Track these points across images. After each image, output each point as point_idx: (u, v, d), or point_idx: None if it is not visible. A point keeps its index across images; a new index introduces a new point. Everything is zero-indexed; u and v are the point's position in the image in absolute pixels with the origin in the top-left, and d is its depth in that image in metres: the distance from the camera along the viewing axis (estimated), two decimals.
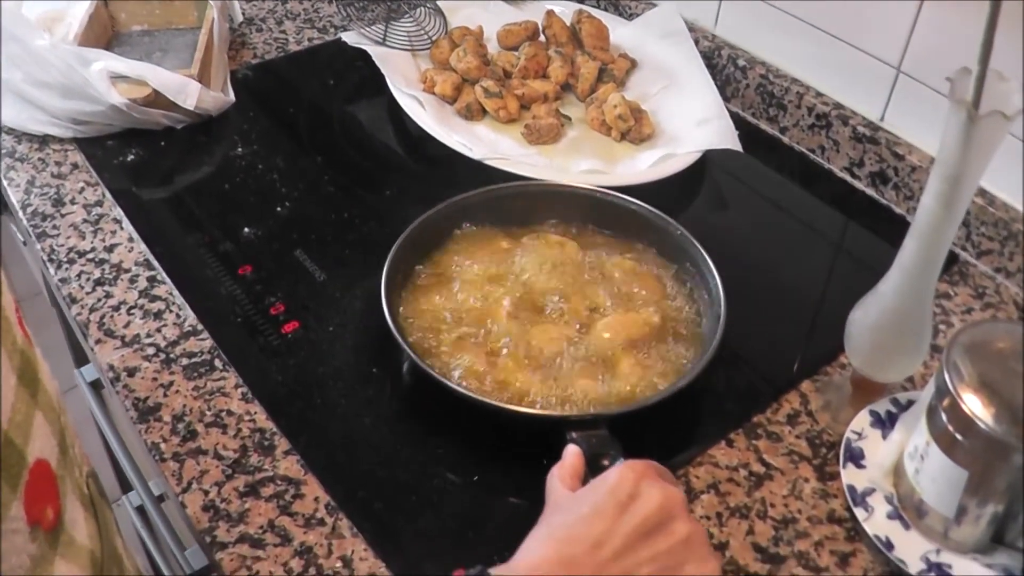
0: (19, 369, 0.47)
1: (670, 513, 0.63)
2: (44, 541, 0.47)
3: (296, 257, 1.01)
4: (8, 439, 0.44)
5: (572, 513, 0.64)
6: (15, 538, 0.45)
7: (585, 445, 0.75)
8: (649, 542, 0.62)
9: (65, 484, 0.51)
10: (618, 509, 0.63)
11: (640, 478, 0.65)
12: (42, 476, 0.47)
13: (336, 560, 0.75)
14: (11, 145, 1.14)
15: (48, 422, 0.49)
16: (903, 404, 0.85)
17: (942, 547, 0.75)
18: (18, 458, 0.45)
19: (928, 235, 0.73)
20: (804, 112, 1.19)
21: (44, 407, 0.49)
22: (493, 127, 1.19)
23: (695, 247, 0.94)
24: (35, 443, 0.47)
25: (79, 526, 0.52)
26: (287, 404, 0.87)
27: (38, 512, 0.47)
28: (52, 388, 0.51)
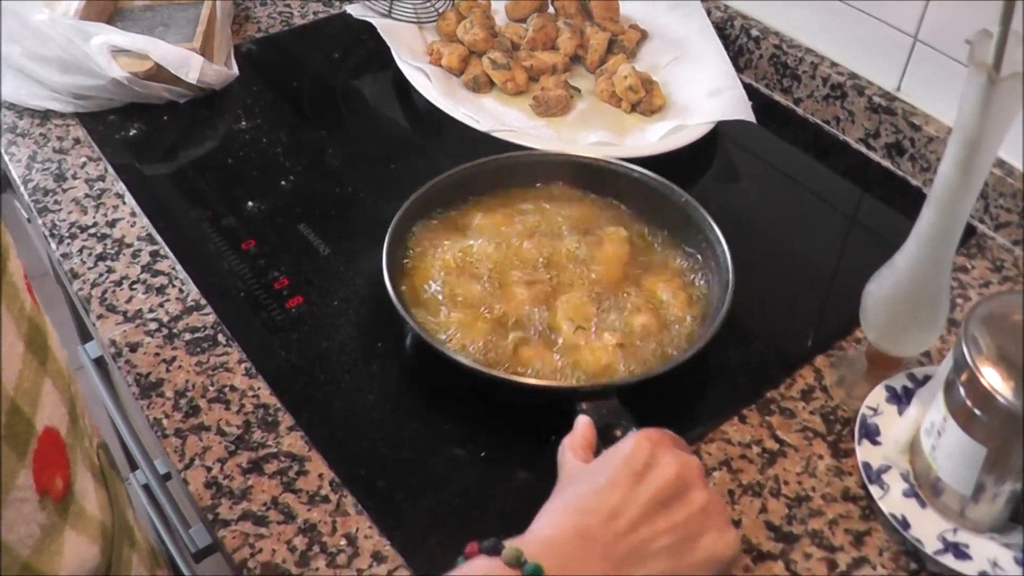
0: (27, 336, 0.46)
1: (687, 482, 0.62)
2: (54, 511, 0.47)
3: (300, 231, 1.00)
4: (15, 406, 0.44)
5: (586, 484, 0.63)
6: (23, 507, 0.44)
7: (596, 416, 0.74)
8: (666, 512, 0.60)
9: (75, 453, 0.50)
10: (634, 479, 0.61)
11: (655, 447, 0.63)
12: (51, 444, 0.47)
13: (340, 538, 0.74)
14: (12, 120, 1.13)
15: (57, 390, 0.48)
16: (919, 379, 0.83)
17: (959, 526, 0.74)
18: (26, 426, 0.44)
19: (946, 204, 0.71)
20: (819, 82, 1.17)
21: (53, 375, 0.48)
22: (501, 99, 1.18)
23: (700, 214, 0.92)
24: (44, 411, 0.46)
25: (89, 497, 0.52)
26: (291, 380, 0.86)
27: (47, 481, 0.46)
28: (62, 357, 0.51)
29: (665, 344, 0.84)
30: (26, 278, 0.49)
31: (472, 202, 0.97)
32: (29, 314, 0.47)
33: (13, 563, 0.44)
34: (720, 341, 0.85)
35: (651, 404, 0.76)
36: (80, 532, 0.50)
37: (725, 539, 0.61)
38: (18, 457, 0.43)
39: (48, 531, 0.46)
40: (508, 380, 0.79)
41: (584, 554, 0.58)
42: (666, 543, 0.59)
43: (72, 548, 0.49)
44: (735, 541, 0.62)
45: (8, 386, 0.43)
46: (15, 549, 0.44)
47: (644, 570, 0.58)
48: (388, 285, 0.83)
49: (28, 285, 0.49)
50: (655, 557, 0.59)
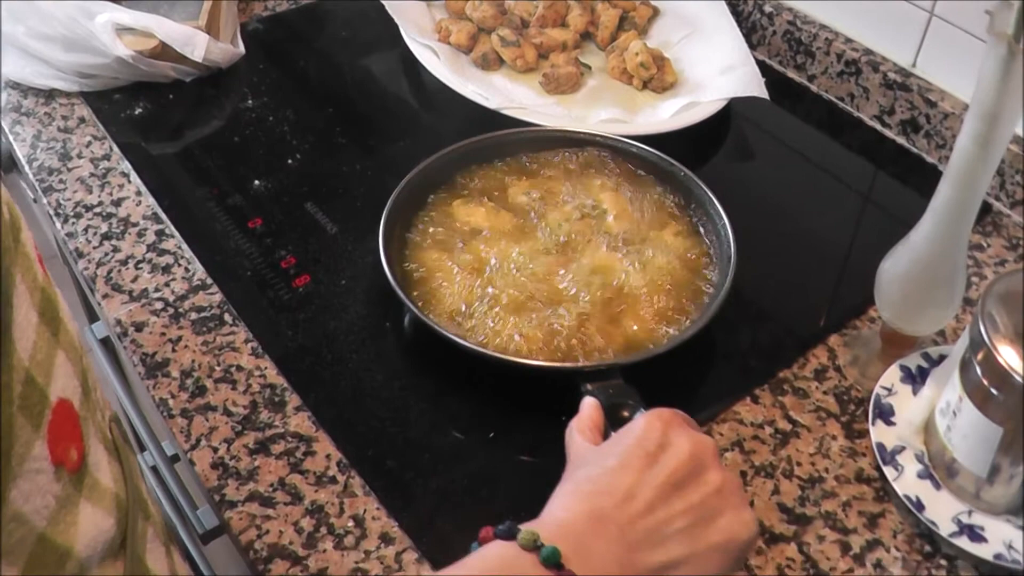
0: (40, 307, 0.46)
1: (702, 462, 0.60)
2: (69, 482, 0.46)
3: (307, 210, 0.99)
4: (30, 377, 0.43)
5: (598, 466, 0.61)
6: (39, 478, 0.44)
7: (602, 396, 0.72)
8: (681, 493, 0.59)
9: (88, 426, 0.50)
10: (647, 460, 0.60)
11: (668, 426, 0.62)
12: (65, 416, 0.46)
13: (348, 519, 0.74)
14: (16, 99, 1.12)
15: (70, 362, 0.48)
16: (934, 359, 0.82)
17: (974, 508, 0.73)
18: (40, 397, 0.44)
19: (963, 179, 0.69)
20: (833, 59, 1.15)
21: (66, 346, 0.48)
22: (510, 77, 1.16)
23: (701, 188, 0.91)
24: (57, 382, 0.46)
25: (103, 469, 0.51)
26: (298, 359, 0.85)
27: (62, 452, 0.46)
28: (73, 328, 0.50)
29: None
30: (37, 249, 0.49)
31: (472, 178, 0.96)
32: (42, 285, 0.47)
33: (29, 534, 0.44)
34: (732, 320, 0.84)
35: (662, 385, 0.75)
36: (95, 504, 0.49)
37: (742, 519, 0.60)
38: (33, 428, 0.43)
39: (63, 503, 0.46)
40: (510, 362, 0.78)
41: (599, 537, 0.57)
42: (682, 525, 0.58)
43: (88, 519, 0.48)
44: (752, 521, 0.60)
45: (23, 356, 0.43)
46: (31, 520, 0.44)
47: (660, 553, 0.57)
48: (385, 266, 0.83)
49: (39, 257, 0.49)
50: (671, 539, 0.57)
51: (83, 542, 0.47)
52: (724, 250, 0.86)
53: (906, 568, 0.71)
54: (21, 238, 0.46)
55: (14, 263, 0.44)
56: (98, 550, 0.49)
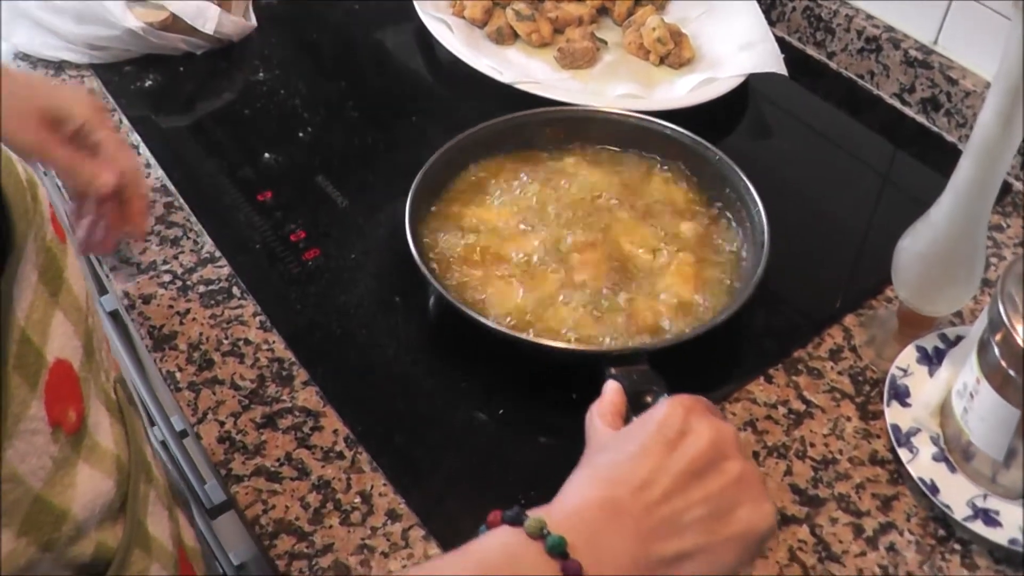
0: (42, 267, 0.46)
1: (722, 451, 0.58)
2: (67, 444, 0.46)
3: (318, 183, 0.98)
4: (25, 336, 0.43)
5: (617, 452, 0.59)
6: (36, 439, 0.44)
7: (626, 382, 0.70)
8: (700, 482, 0.57)
9: (89, 387, 0.50)
10: (666, 447, 0.58)
11: (689, 413, 0.60)
12: (63, 377, 0.46)
13: (355, 495, 0.73)
14: (26, 71, 1.11)
15: (71, 323, 0.48)
16: (951, 340, 0.80)
17: (989, 492, 0.71)
18: (36, 356, 0.44)
19: (985, 155, 0.67)
20: (853, 36, 1.13)
21: (66, 307, 0.47)
22: (525, 51, 1.15)
23: (736, 173, 0.89)
24: (54, 342, 0.46)
25: (104, 431, 0.51)
26: (306, 333, 0.84)
27: (60, 413, 0.46)
28: (79, 287, 0.50)
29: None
30: (51, 205, 0.49)
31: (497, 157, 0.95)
32: (49, 244, 0.47)
33: (25, 495, 0.43)
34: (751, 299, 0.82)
35: (675, 363, 0.74)
36: (94, 466, 0.49)
37: (761, 511, 0.58)
38: (29, 387, 0.43)
39: (61, 464, 0.46)
40: (535, 344, 0.77)
41: (612, 526, 0.55)
42: (699, 515, 0.56)
43: (86, 481, 0.48)
44: (772, 513, 0.58)
45: (19, 315, 0.43)
46: (27, 481, 0.43)
47: (676, 543, 0.55)
48: (411, 243, 0.81)
49: (53, 215, 0.49)
50: (687, 529, 0.56)
51: (80, 503, 0.47)
52: (757, 236, 0.85)
53: (919, 552, 0.70)
54: (38, 196, 0.47)
55: (31, 224, 0.45)
56: (96, 512, 0.49)
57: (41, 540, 0.45)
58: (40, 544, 0.45)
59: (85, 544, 0.49)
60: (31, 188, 0.46)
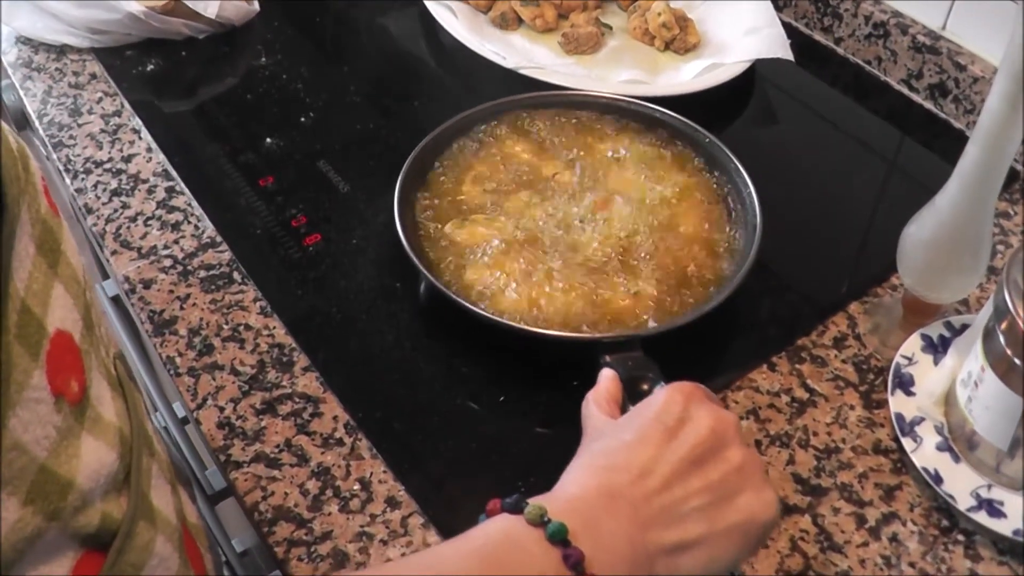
0: (39, 239, 0.46)
1: (722, 439, 0.58)
2: (70, 414, 0.46)
3: (319, 168, 0.97)
4: (25, 306, 0.43)
5: (615, 440, 0.59)
6: (39, 407, 0.44)
7: (621, 368, 0.70)
8: (700, 470, 0.57)
9: (90, 359, 0.50)
10: (666, 435, 0.57)
11: (689, 400, 0.59)
12: (64, 347, 0.46)
13: (354, 482, 0.73)
14: (27, 55, 1.11)
15: (70, 295, 0.48)
16: (956, 328, 0.80)
17: (993, 482, 0.71)
18: (37, 326, 0.44)
19: (992, 141, 0.67)
20: (860, 21, 1.12)
21: (65, 279, 0.48)
22: (529, 36, 1.14)
23: (726, 155, 0.89)
24: (55, 313, 0.46)
25: (106, 403, 0.51)
26: (307, 319, 0.84)
27: (62, 383, 0.46)
28: (76, 262, 0.50)
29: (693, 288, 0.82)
30: (44, 180, 0.49)
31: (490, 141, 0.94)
32: (44, 217, 0.47)
33: (31, 464, 0.43)
34: (751, 286, 0.81)
35: (676, 350, 0.73)
36: (97, 437, 0.49)
37: (763, 499, 0.57)
38: (31, 357, 0.43)
39: (64, 434, 0.46)
40: (528, 332, 0.77)
41: (611, 514, 0.55)
42: (700, 503, 0.56)
43: (90, 452, 0.48)
44: (774, 502, 0.58)
45: (19, 286, 0.43)
46: (32, 450, 0.43)
47: (676, 532, 0.55)
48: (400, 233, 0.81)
49: (46, 188, 0.49)
50: (688, 518, 0.55)
51: (85, 474, 0.47)
52: (749, 219, 0.84)
53: (922, 543, 0.70)
54: (30, 167, 0.47)
55: (23, 192, 0.45)
56: (100, 483, 0.49)
57: (47, 509, 0.45)
58: (46, 513, 0.45)
59: (91, 514, 0.49)
60: (22, 158, 0.46)
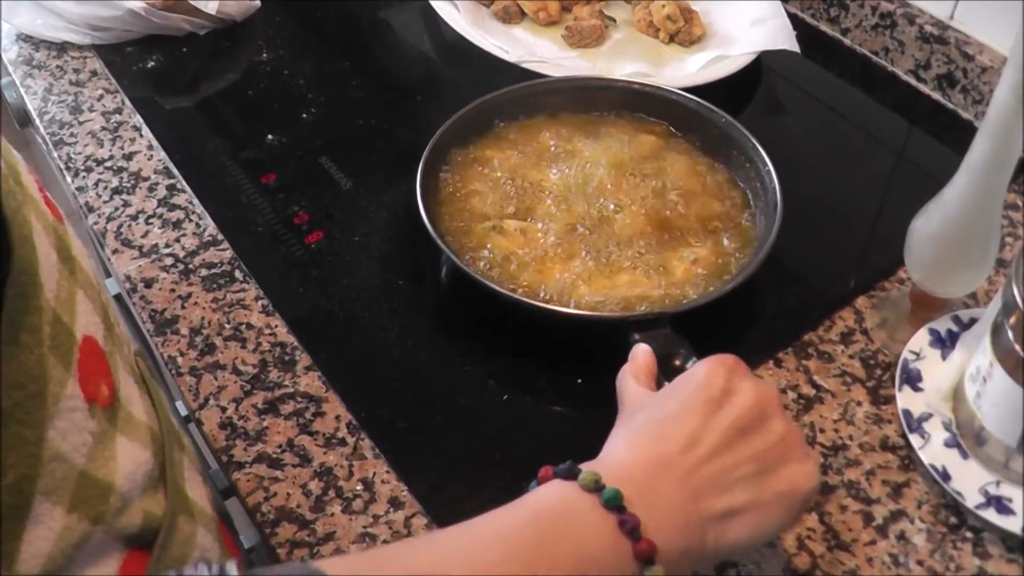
0: (57, 246, 0.46)
1: (765, 410, 0.59)
2: (103, 418, 0.47)
3: (321, 164, 0.97)
4: (57, 316, 0.44)
5: (660, 410, 0.59)
6: (75, 416, 0.44)
7: (653, 344, 0.70)
8: (746, 440, 0.57)
9: (115, 360, 0.50)
10: (711, 405, 0.58)
11: (732, 373, 0.60)
12: (92, 353, 0.47)
13: (357, 483, 0.72)
14: (28, 52, 1.11)
15: (89, 299, 0.48)
16: (965, 322, 0.79)
17: (1002, 478, 0.70)
18: (67, 335, 0.44)
19: (1000, 133, 0.66)
20: (867, 11, 1.11)
21: (83, 284, 0.48)
22: (532, 30, 1.13)
23: (744, 135, 0.88)
24: (80, 320, 0.46)
25: (135, 402, 0.52)
26: (309, 318, 0.83)
27: (93, 388, 0.46)
28: (88, 266, 0.51)
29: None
30: (43, 191, 0.49)
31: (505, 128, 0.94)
32: (53, 225, 0.47)
33: (70, 472, 0.44)
34: (757, 281, 0.81)
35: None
36: (131, 438, 0.50)
37: (806, 470, 0.58)
38: (64, 367, 0.44)
39: (99, 438, 0.46)
40: (557, 312, 0.76)
41: (663, 482, 0.55)
42: (746, 472, 0.56)
43: (125, 453, 0.49)
44: (815, 472, 0.59)
45: (49, 297, 0.43)
46: (71, 458, 0.44)
47: (725, 500, 0.56)
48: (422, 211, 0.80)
49: (46, 197, 0.49)
50: (735, 486, 0.56)
51: (123, 475, 0.48)
52: (770, 198, 0.84)
53: (930, 540, 0.69)
54: (23, 180, 0.47)
55: (25, 203, 0.44)
56: (138, 482, 0.50)
57: (91, 514, 0.46)
58: (91, 518, 0.45)
59: (133, 514, 0.49)
60: (13, 173, 0.46)
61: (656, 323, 0.73)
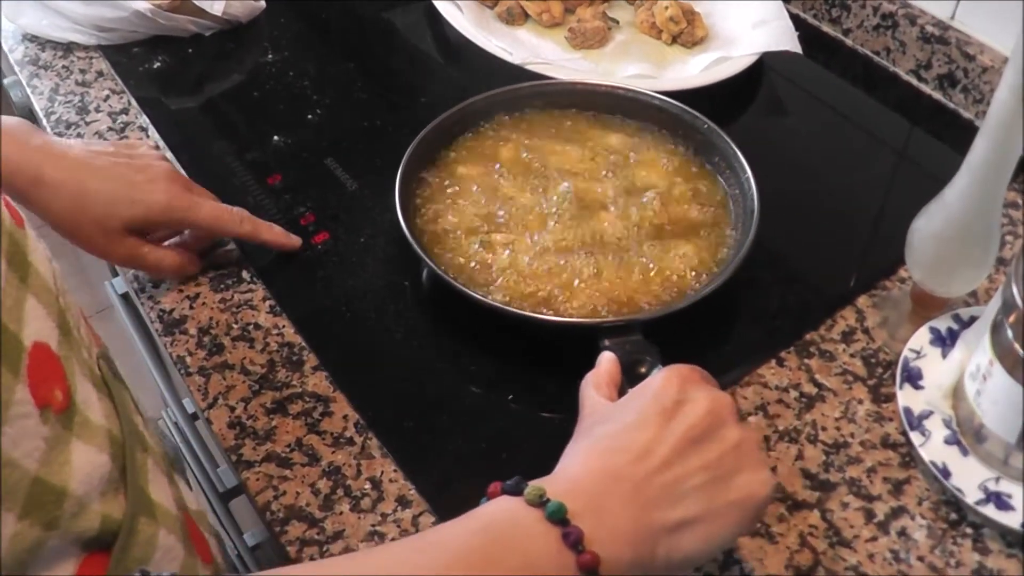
0: (8, 253, 0.46)
1: (719, 418, 0.59)
2: (57, 422, 0.47)
3: (327, 166, 0.97)
4: (2, 325, 0.43)
5: (614, 422, 0.60)
6: (26, 422, 0.44)
7: (620, 352, 0.71)
8: (698, 449, 0.58)
9: (71, 364, 0.50)
10: (664, 416, 0.58)
11: (685, 382, 0.60)
12: (43, 359, 0.47)
13: (365, 482, 0.73)
14: (34, 52, 1.12)
15: (43, 304, 0.48)
16: (965, 320, 0.80)
17: (1002, 475, 0.71)
18: (14, 343, 0.44)
19: (1001, 133, 0.66)
20: (869, 12, 1.12)
21: (37, 289, 0.48)
22: (535, 31, 1.14)
23: (724, 140, 0.89)
24: (30, 326, 0.46)
25: (93, 406, 0.51)
26: (316, 318, 0.84)
27: (46, 394, 0.46)
28: (46, 270, 0.50)
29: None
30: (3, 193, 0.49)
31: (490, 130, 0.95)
32: (9, 230, 0.47)
33: (23, 478, 0.44)
34: (758, 280, 0.82)
35: (686, 346, 0.73)
36: (87, 442, 0.49)
37: (759, 477, 0.58)
38: (12, 374, 0.43)
39: (53, 443, 0.46)
40: (529, 317, 0.77)
41: (613, 494, 0.55)
42: (698, 482, 0.57)
43: (80, 457, 0.49)
44: (769, 479, 0.59)
45: None
46: (23, 464, 0.44)
47: (676, 511, 0.56)
48: (401, 220, 0.81)
49: (7, 201, 0.49)
50: (687, 497, 0.56)
51: (78, 479, 0.48)
52: (748, 204, 0.84)
53: (931, 536, 0.70)
54: None
55: None
56: (95, 486, 0.50)
57: (44, 520, 0.45)
58: (43, 524, 0.45)
59: (90, 518, 0.49)
60: None
61: (626, 330, 0.74)
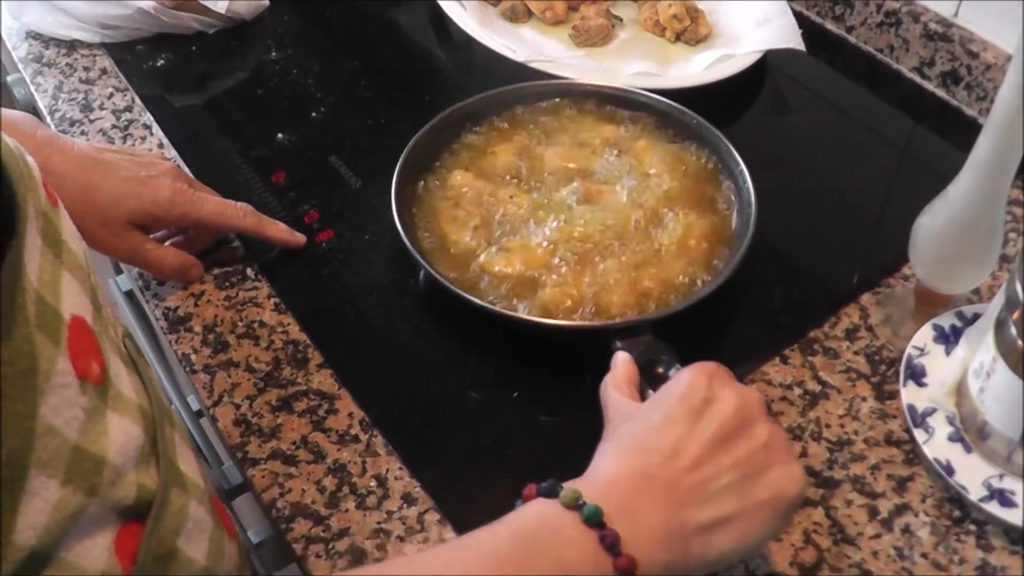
0: (43, 231, 0.47)
1: (748, 416, 0.59)
2: (94, 394, 0.48)
3: (331, 163, 0.97)
4: (40, 297, 0.45)
5: (644, 422, 0.60)
6: (67, 392, 0.45)
7: (635, 352, 0.71)
8: (728, 448, 0.58)
9: (104, 340, 0.51)
10: (692, 415, 0.59)
11: (713, 380, 0.60)
12: (80, 332, 0.48)
13: (370, 479, 0.73)
14: (38, 50, 1.12)
15: (77, 280, 0.49)
16: (968, 318, 0.80)
17: (1005, 472, 0.71)
18: (53, 315, 0.46)
19: (1004, 131, 0.66)
20: (872, 9, 1.12)
21: (71, 266, 0.49)
22: (539, 29, 1.14)
23: (719, 139, 0.88)
24: (67, 300, 0.47)
25: (124, 381, 0.53)
26: (321, 316, 0.84)
27: (84, 366, 0.47)
28: (78, 248, 0.51)
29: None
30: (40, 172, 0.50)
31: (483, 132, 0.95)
32: (44, 208, 0.48)
33: (63, 446, 0.45)
34: (762, 278, 0.82)
35: (690, 344, 0.73)
36: (121, 414, 0.51)
37: (791, 474, 0.58)
38: (53, 344, 0.45)
39: (91, 414, 0.47)
40: (536, 323, 0.77)
41: (645, 495, 0.56)
42: (730, 480, 0.57)
43: (116, 428, 0.50)
44: (801, 475, 0.59)
45: (32, 279, 0.44)
46: (63, 432, 0.45)
47: (709, 510, 0.56)
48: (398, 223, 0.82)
49: (43, 180, 0.50)
50: (719, 495, 0.56)
51: (115, 449, 0.49)
52: (744, 198, 0.84)
53: (935, 533, 0.70)
54: (28, 160, 0.48)
55: (29, 189, 0.46)
56: (131, 456, 0.51)
57: (85, 487, 0.47)
58: (85, 491, 0.47)
59: (127, 487, 0.50)
60: (20, 154, 0.48)
61: (637, 330, 0.74)
